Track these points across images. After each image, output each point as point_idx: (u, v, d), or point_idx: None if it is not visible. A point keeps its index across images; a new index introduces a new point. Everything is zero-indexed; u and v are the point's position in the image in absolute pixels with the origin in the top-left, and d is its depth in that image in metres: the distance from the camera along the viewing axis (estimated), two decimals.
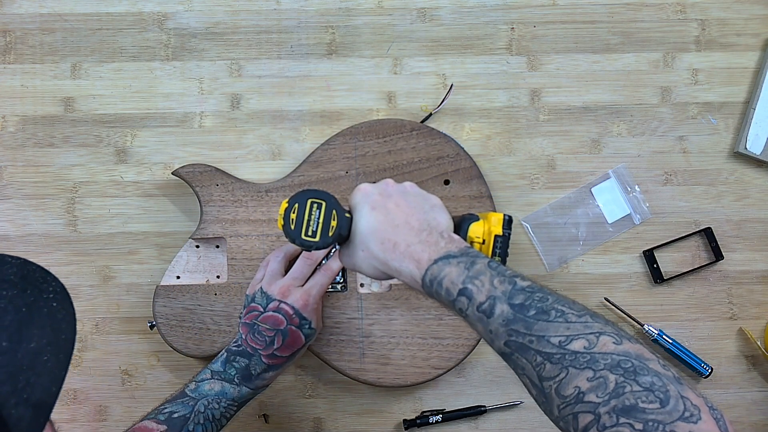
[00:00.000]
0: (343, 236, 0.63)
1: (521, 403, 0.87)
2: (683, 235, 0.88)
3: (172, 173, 0.85)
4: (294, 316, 0.76)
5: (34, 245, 0.87)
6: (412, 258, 0.58)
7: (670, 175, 0.89)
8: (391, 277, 0.62)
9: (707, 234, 0.88)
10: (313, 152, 0.85)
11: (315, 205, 0.62)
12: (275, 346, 0.76)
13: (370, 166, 0.85)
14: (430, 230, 0.60)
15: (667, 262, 0.88)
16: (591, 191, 0.89)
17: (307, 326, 0.77)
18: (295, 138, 0.89)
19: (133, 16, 0.90)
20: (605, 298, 0.87)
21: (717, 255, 0.88)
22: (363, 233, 0.61)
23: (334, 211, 0.62)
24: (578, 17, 0.90)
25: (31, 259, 0.48)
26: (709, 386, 0.87)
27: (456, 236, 0.61)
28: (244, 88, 0.90)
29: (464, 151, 0.85)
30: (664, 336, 0.86)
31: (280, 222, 0.63)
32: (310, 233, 0.62)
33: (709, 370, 0.86)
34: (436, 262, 0.57)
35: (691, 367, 0.86)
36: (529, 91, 0.90)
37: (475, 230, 0.64)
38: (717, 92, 0.90)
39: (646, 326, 0.86)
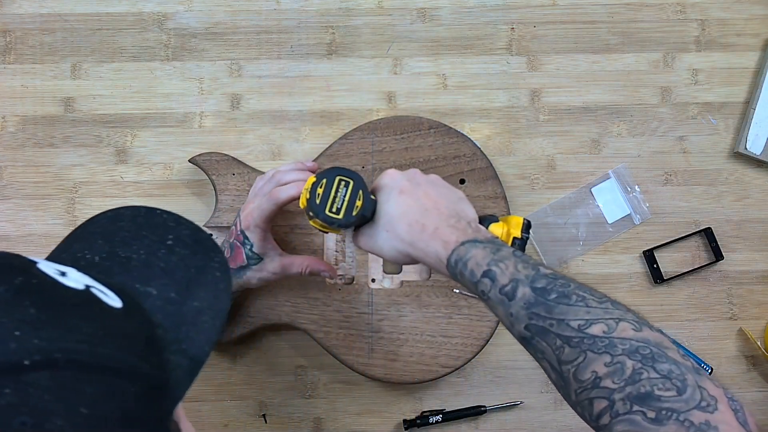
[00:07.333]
0: (366, 218, 0.63)
1: (521, 403, 0.87)
2: (683, 235, 0.88)
3: (189, 161, 0.85)
4: (239, 233, 0.75)
5: (34, 245, 0.87)
6: (440, 239, 0.59)
7: (670, 175, 0.89)
8: (408, 262, 0.63)
9: (707, 234, 0.88)
10: (330, 146, 0.85)
11: (343, 183, 0.63)
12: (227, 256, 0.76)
13: (387, 162, 0.85)
14: (459, 218, 0.61)
15: (667, 262, 0.88)
16: (591, 191, 0.89)
17: (249, 247, 0.75)
18: (295, 138, 0.89)
19: (133, 16, 0.90)
20: None
21: (717, 255, 0.88)
22: (390, 215, 0.62)
23: (360, 191, 0.62)
24: (578, 17, 0.90)
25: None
26: None
27: (482, 227, 0.62)
28: (244, 88, 0.90)
29: (481, 151, 0.85)
30: None
31: (305, 197, 0.63)
32: (334, 210, 0.62)
33: (709, 370, 0.86)
34: (463, 243, 0.58)
35: None
36: (529, 91, 0.90)
37: (494, 230, 0.64)
38: (717, 92, 0.90)
39: None
